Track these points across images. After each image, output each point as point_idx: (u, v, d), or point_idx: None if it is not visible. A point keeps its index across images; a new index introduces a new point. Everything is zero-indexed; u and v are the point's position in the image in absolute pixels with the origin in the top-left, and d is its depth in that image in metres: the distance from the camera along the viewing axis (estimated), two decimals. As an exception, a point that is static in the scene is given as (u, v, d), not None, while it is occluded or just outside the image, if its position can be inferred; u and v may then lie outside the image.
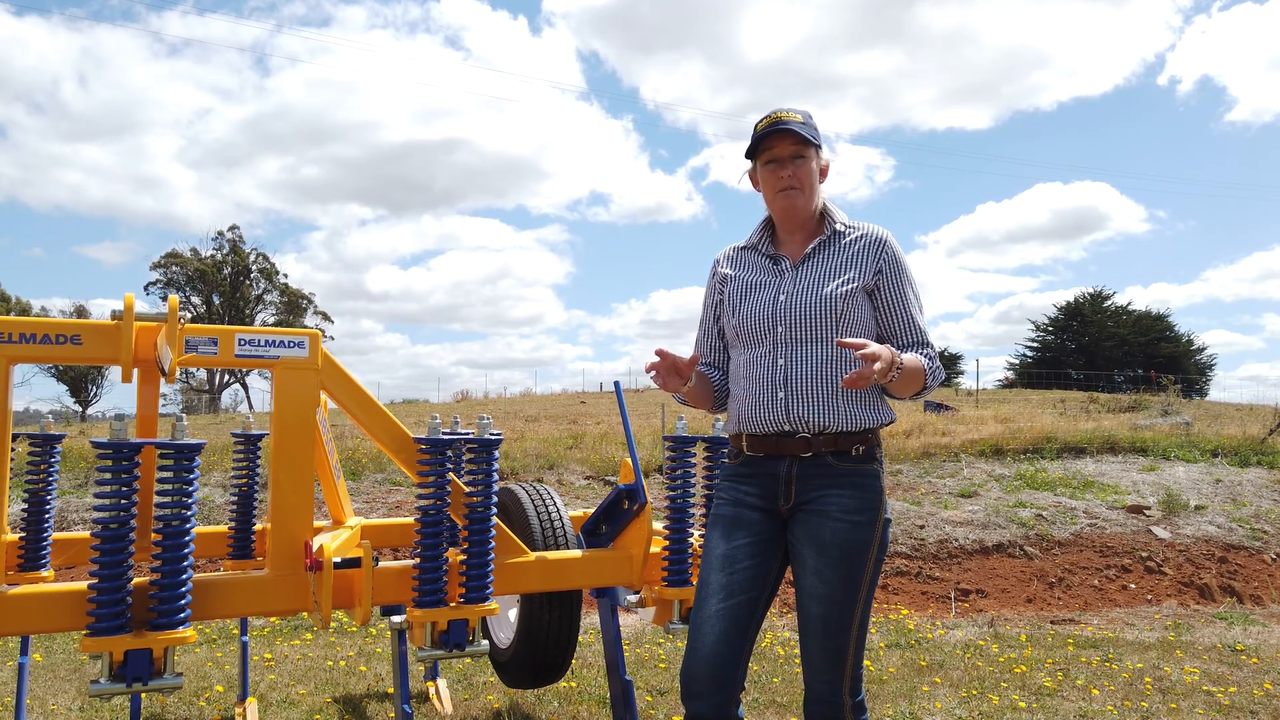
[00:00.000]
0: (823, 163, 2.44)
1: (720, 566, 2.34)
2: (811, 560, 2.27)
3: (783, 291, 2.38)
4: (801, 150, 2.37)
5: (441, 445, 2.81)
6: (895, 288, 2.39)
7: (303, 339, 2.83)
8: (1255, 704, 4.36)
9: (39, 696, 4.29)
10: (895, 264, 2.39)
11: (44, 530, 3.23)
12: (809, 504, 2.30)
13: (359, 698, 4.31)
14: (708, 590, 2.34)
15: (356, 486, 9.40)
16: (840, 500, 2.27)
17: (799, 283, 2.38)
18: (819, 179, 2.43)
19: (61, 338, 2.60)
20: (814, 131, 2.39)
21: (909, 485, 10.32)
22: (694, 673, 2.31)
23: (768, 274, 2.44)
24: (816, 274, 2.38)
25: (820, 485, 2.29)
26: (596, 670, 4.70)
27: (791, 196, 2.38)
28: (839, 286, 2.34)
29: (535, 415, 18.69)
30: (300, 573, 2.71)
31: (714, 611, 2.31)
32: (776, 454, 2.34)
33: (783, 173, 2.37)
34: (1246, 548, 8.58)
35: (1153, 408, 17.29)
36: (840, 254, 2.40)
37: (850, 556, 2.25)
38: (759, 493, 2.36)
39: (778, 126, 2.35)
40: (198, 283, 49.38)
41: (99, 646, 2.39)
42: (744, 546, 2.34)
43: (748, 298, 2.42)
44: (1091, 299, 46.04)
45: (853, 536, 2.25)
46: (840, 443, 2.30)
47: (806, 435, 2.30)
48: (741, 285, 2.45)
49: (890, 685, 4.59)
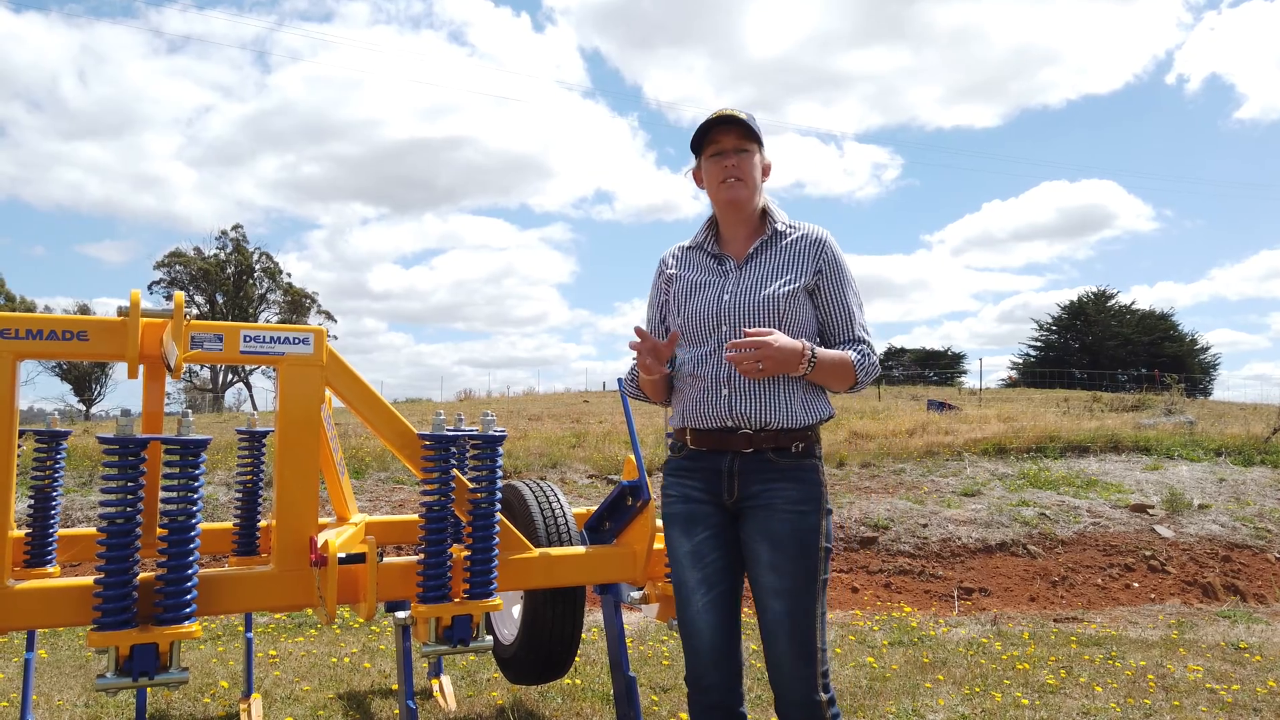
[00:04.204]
0: (765, 161, 2.52)
1: (691, 564, 2.43)
2: (766, 554, 2.33)
3: (726, 291, 2.45)
4: (745, 144, 2.44)
5: (446, 441, 2.82)
6: (834, 287, 2.47)
7: (308, 335, 2.84)
8: (1259, 702, 4.36)
9: (45, 692, 4.31)
10: (834, 263, 2.47)
11: (50, 526, 3.24)
12: (753, 499, 2.37)
13: (363, 694, 4.32)
14: (687, 589, 2.43)
15: (360, 485, 9.42)
16: (784, 493, 2.35)
17: (742, 283, 2.45)
18: (761, 176, 2.51)
19: (68, 334, 2.62)
20: (757, 128, 2.46)
21: (912, 484, 10.31)
22: (700, 666, 2.40)
23: (712, 274, 2.51)
24: (759, 274, 2.45)
25: (762, 480, 2.37)
26: (600, 667, 4.71)
27: (735, 188, 2.45)
28: (780, 287, 2.41)
29: (538, 414, 18.70)
30: (305, 568, 2.72)
31: (701, 606, 2.40)
32: (719, 449, 2.41)
33: (727, 163, 2.44)
34: (1250, 547, 8.57)
35: (1156, 407, 17.26)
36: (781, 254, 2.47)
37: (803, 547, 2.32)
38: (704, 487, 2.44)
39: (722, 119, 2.42)
40: (201, 282, 49.42)
41: (105, 641, 2.41)
42: (706, 540, 2.42)
43: (692, 297, 2.49)
44: (1095, 298, 46.00)
45: (802, 526, 2.33)
46: (781, 439, 2.37)
47: (748, 431, 2.37)
48: (686, 285, 2.52)
49: (893, 683, 4.60)
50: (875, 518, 8.66)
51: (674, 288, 2.54)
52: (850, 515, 8.77)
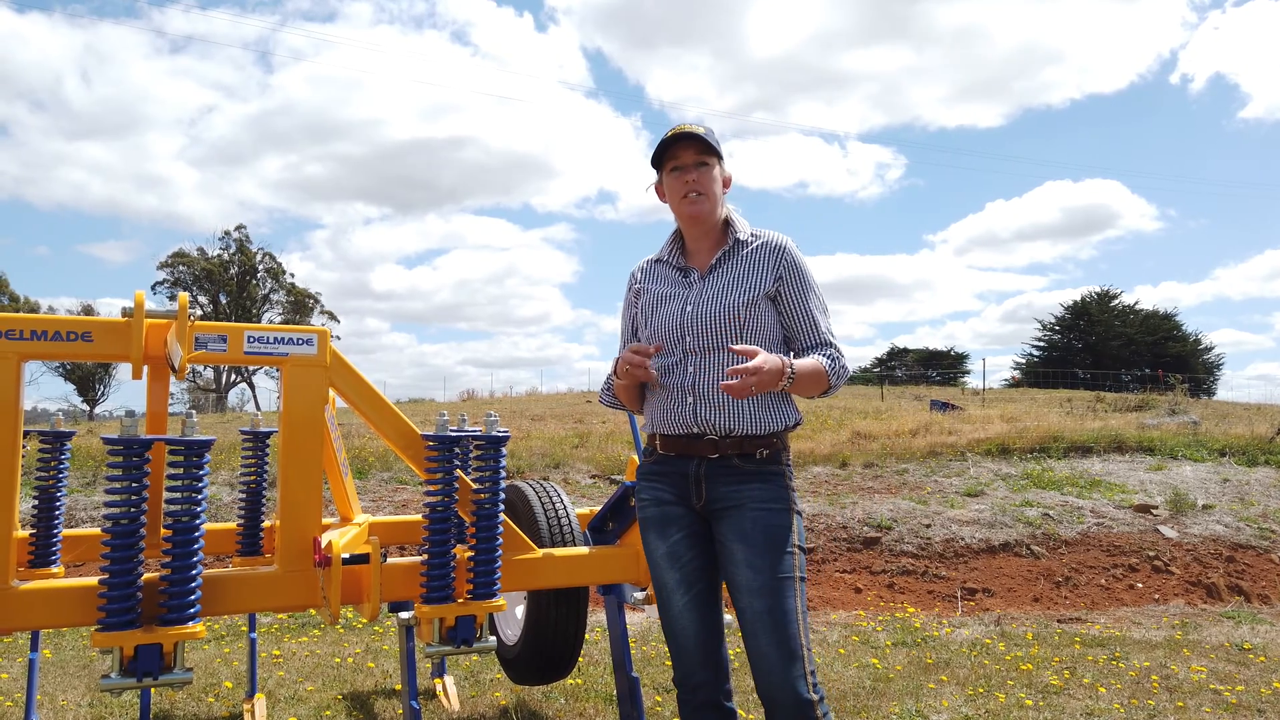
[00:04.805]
0: (725, 174, 2.55)
1: (669, 565, 2.47)
2: (740, 553, 2.35)
3: (690, 302, 2.48)
4: (704, 158, 2.48)
5: (450, 442, 2.82)
6: (796, 292, 2.49)
7: (311, 336, 2.84)
8: (1263, 703, 4.36)
9: (49, 692, 4.32)
10: (794, 269, 2.50)
11: (54, 527, 3.25)
12: (722, 500, 2.41)
13: (367, 694, 4.32)
14: (667, 590, 2.48)
15: (363, 485, 9.43)
16: (751, 493, 2.39)
17: (705, 294, 2.48)
18: (722, 189, 2.54)
19: (72, 335, 2.62)
20: (716, 142, 2.50)
21: (915, 484, 10.31)
22: (688, 665, 2.45)
23: (677, 285, 2.55)
24: (720, 284, 2.48)
25: (729, 483, 2.40)
26: (603, 667, 4.71)
27: (697, 203, 2.48)
28: (742, 295, 2.45)
29: (541, 414, 18.70)
30: (309, 569, 2.73)
31: (682, 606, 2.46)
32: (686, 454, 2.46)
33: (687, 177, 2.48)
34: (1254, 547, 8.55)
35: (1160, 407, 17.24)
36: (742, 263, 2.50)
37: (774, 541, 2.34)
38: (674, 491, 2.48)
39: (681, 135, 2.46)
40: (204, 282, 49.45)
41: (110, 641, 2.41)
42: (681, 540, 2.47)
43: (658, 310, 2.53)
44: (1098, 298, 45.97)
45: (772, 522, 2.36)
46: (746, 446, 2.41)
47: (714, 438, 2.41)
48: (652, 298, 2.57)
49: (896, 683, 4.59)
50: (878, 518, 8.66)
51: (641, 301, 2.60)
52: (853, 515, 8.76)
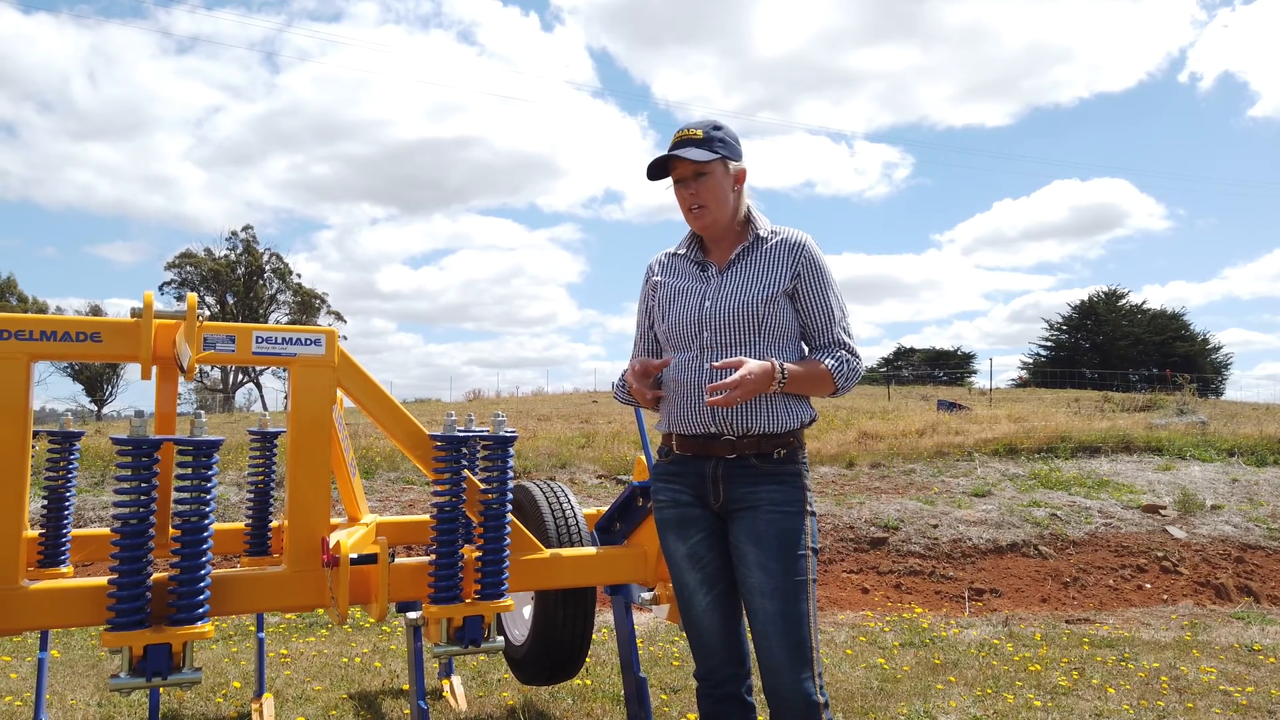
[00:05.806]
0: (738, 169, 2.48)
1: (689, 566, 2.48)
2: (753, 555, 2.35)
3: (707, 298, 2.47)
4: (701, 168, 2.42)
5: (457, 442, 2.82)
6: (814, 290, 2.47)
7: (319, 337, 2.84)
8: (1273, 704, 4.34)
9: (58, 692, 4.33)
10: (812, 267, 2.47)
11: (64, 527, 3.26)
12: (739, 502, 2.40)
13: (374, 694, 4.33)
14: (689, 590, 2.48)
15: (370, 485, 9.44)
16: (767, 495, 2.38)
17: (723, 289, 2.46)
18: (731, 187, 2.47)
19: (82, 335, 2.63)
20: (717, 145, 2.41)
21: (922, 484, 10.29)
22: (712, 660, 2.47)
23: (695, 280, 2.53)
24: (739, 280, 2.46)
25: (746, 484, 2.39)
26: (610, 668, 4.71)
27: (700, 215, 2.47)
28: (760, 292, 2.43)
29: (547, 414, 18.71)
30: (317, 569, 2.73)
31: (705, 606, 2.47)
32: (703, 454, 2.45)
33: (686, 192, 2.46)
34: (1263, 547, 8.52)
35: (1168, 407, 17.18)
36: (761, 260, 2.48)
37: (787, 544, 2.34)
38: (691, 491, 2.48)
39: (676, 145, 2.42)
40: (212, 283, 49.57)
41: (119, 641, 2.41)
42: (701, 542, 2.47)
43: (675, 303, 2.52)
44: (1106, 298, 45.81)
45: (786, 526, 2.36)
46: (763, 445, 2.40)
47: (731, 438, 2.40)
48: (669, 291, 2.55)
49: (904, 684, 4.58)
50: (885, 518, 8.64)
51: (658, 294, 2.58)
52: (860, 516, 8.75)
